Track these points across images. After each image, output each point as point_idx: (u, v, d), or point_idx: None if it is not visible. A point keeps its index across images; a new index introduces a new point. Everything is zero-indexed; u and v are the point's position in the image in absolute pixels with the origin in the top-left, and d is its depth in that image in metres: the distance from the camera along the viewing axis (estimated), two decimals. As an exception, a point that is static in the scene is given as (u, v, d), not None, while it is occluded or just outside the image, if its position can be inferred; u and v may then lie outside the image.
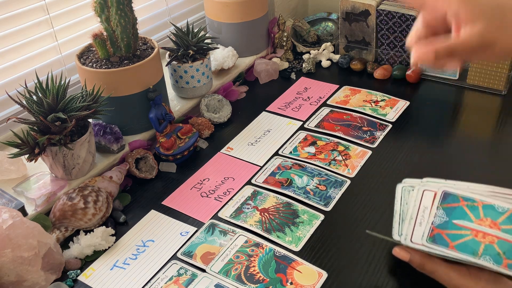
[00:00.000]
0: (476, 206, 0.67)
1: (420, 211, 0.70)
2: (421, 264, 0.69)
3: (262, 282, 0.76)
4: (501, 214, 0.66)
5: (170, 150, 1.00)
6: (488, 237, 0.65)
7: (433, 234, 0.68)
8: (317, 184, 0.93)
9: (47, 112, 0.85)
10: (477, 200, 0.68)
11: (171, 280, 0.78)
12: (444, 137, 1.04)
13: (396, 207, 0.75)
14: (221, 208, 0.90)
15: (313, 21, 1.43)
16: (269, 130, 1.09)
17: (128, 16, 0.95)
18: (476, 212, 0.67)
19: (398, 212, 0.74)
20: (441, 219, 0.69)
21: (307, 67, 1.29)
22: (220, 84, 1.20)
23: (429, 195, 0.71)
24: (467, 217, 0.67)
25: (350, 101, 1.16)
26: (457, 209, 0.68)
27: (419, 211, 0.70)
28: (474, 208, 0.67)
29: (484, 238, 0.66)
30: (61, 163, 0.89)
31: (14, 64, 1.00)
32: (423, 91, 1.20)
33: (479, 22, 0.49)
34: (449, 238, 0.67)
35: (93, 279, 0.79)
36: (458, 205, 0.68)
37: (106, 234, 0.84)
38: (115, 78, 0.96)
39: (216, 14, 1.25)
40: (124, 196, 0.94)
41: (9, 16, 0.97)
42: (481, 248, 0.65)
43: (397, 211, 0.74)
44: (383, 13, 1.21)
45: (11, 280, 0.72)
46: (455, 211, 0.68)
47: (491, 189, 0.70)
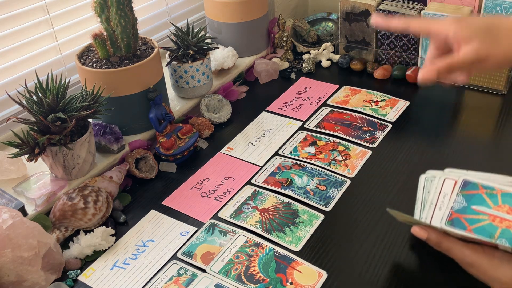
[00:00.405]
0: (495, 194, 0.70)
1: (441, 197, 0.73)
2: (438, 242, 0.71)
3: (262, 282, 0.76)
4: None
5: (170, 150, 1.00)
6: (505, 222, 0.67)
7: (452, 218, 0.70)
8: (317, 184, 0.93)
9: (47, 112, 0.85)
10: (496, 188, 0.70)
11: (171, 280, 0.78)
12: (444, 137, 1.04)
13: (419, 194, 0.77)
14: (221, 208, 0.90)
15: (313, 21, 1.43)
16: (269, 130, 1.09)
17: (128, 16, 0.95)
18: (494, 199, 0.69)
19: (420, 199, 0.77)
20: (460, 204, 0.71)
21: (307, 67, 1.29)
22: (220, 84, 1.20)
23: (450, 183, 0.73)
24: (485, 203, 0.70)
25: (350, 101, 1.16)
26: (476, 196, 0.71)
27: (439, 197, 0.73)
28: (493, 195, 0.70)
29: (501, 223, 0.68)
30: (61, 163, 0.89)
31: (14, 64, 1.00)
32: (423, 91, 1.20)
33: (474, 41, 0.60)
34: (467, 222, 0.69)
35: (93, 279, 0.79)
36: (477, 193, 0.71)
37: (106, 234, 0.84)
38: (115, 78, 0.96)
39: (216, 14, 1.25)
40: (124, 196, 0.94)
41: (9, 16, 0.97)
42: (498, 232, 0.67)
43: (419, 198, 0.77)
44: (383, 13, 1.21)
45: (11, 280, 0.72)
46: (474, 197, 0.70)
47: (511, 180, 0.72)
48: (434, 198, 0.74)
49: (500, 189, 0.70)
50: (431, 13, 1.16)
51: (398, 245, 0.81)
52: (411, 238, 0.82)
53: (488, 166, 0.96)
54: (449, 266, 0.76)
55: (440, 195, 0.73)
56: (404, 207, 0.87)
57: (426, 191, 0.76)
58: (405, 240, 0.82)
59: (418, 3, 1.22)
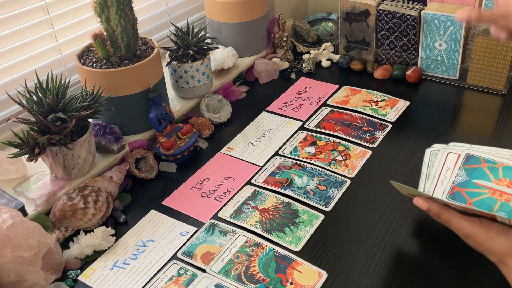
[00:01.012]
0: (497, 168, 0.71)
1: (443, 171, 0.75)
2: (437, 213, 0.72)
3: (262, 282, 0.76)
4: None
5: (170, 150, 1.00)
6: (505, 195, 0.69)
7: (453, 192, 0.72)
8: (317, 184, 0.93)
9: (47, 112, 0.85)
10: (497, 162, 0.72)
11: (171, 280, 0.78)
12: (444, 137, 1.04)
13: (423, 169, 0.79)
14: (221, 208, 0.90)
15: (313, 21, 1.43)
16: (269, 130, 1.09)
17: (128, 16, 0.95)
18: (496, 173, 0.71)
19: (425, 174, 0.78)
20: (462, 178, 0.73)
21: (307, 67, 1.29)
22: (220, 84, 1.20)
23: (453, 157, 0.75)
24: (486, 177, 0.71)
25: (350, 101, 1.16)
26: (478, 170, 0.72)
27: (442, 171, 0.75)
28: (494, 169, 0.71)
29: (501, 197, 0.69)
30: (61, 163, 0.89)
31: (14, 64, 1.00)
32: (423, 91, 1.20)
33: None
34: (468, 195, 0.71)
35: (93, 279, 0.79)
36: (479, 167, 0.73)
37: (106, 234, 0.84)
38: (115, 78, 0.96)
39: (216, 14, 1.25)
40: (124, 196, 0.94)
41: (9, 16, 0.97)
42: (497, 205, 0.69)
43: (424, 172, 0.78)
44: (383, 13, 1.21)
45: (11, 280, 0.72)
46: (476, 171, 0.72)
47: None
48: (437, 171, 0.75)
49: (501, 162, 0.71)
50: (431, 13, 1.16)
51: (398, 245, 0.81)
52: (412, 238, 0.82)
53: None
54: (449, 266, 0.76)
55: (443, 169, 0.75)
56: (403, 208, 0.87)
57: (430, 165, 0.78)
58: (405, 240, 0.82)
59: (418, 3, 1.22)
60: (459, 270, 0.76)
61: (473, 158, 0.73)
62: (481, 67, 1.15)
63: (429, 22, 1.17)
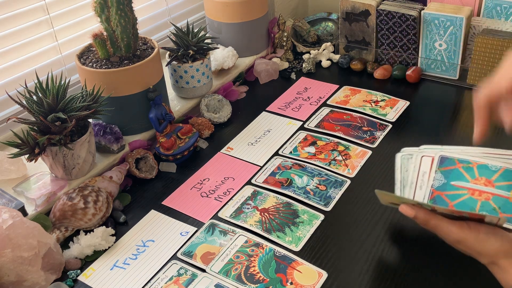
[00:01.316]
0: (471, 167, 0.72)
1: (420, 175, 0.75)
2: (425, 220, 0.71)
3: (262, 282, 0.76)
4: (495, 173, 0.71)
5: (170, 150, 1.00)
6: (483, 194, 0.70)
7: (433, 196, 0.72)
8: (317, 184, 0.93)
9: (47, 112, 0.85)
10: (471, 162, 0.73)
11: (171, 280, 0.78)
12: (444, 137, 1.04)
13: (397, 175, 0.78)
14: (221, 208, 0.90)
15: (313, 21, 1.43)
16: (269, 130, 1.09)
17: (128, 16, 0.95)
18: (471, 172, 0.72)
19: (399, 180, 0.77)
20: (440, 181, 0.73)
21: (307, 67, 1.29)
22: (220, 84, 1.20)
23: (427, 161, 0.75)
24: (463, 178, 0.72)
25: (350, 101, 1.16)
26: (454, 171, 0.73)
27: (418, 176, 0.75)
28: (470, 169, 0.72)
29: (480, 196, 0.70)
30: (61, 163, 0.89)
31: (14, 64, 1.00)
32: (423, 91, 1.20)
33: None
34: (448, 198, 0.72)
35: (93, 279, 0.79)
36: (454, 168, 0.73)
37: (106, 234, 0.84)
38: (115, 78, 0.96)
39: (216, 14, 1.25)
40: (124, 196, 0.94)
41: (9, 16, 0.97)
42: (478, 205, 0.70)
43: (398, 179, 0.78)
44: (383, 13, 1.21)
45: (11, 280, 0.72)
46: (452, 173, 0.73)
47: (484, 151, 0.75)
48: (414, 177, 0.75)
49: (475, 161, 0.72)
50: (431, 13, 1.16)
51: (398, 245, 0.81)
52: (411, 238, 0.82)
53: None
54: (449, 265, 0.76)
55: (419, 174, 0.75)
56: (404, 207, 0.87)
57: (404, 170, 0.77)
58: (405, 240, 0.82)
59: (418, 3, 1.22)
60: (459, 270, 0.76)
61: (447, 160, 0.74)
62: (481, 67, 1.15)
63: (429, 22, 1.17)
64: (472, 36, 1.18)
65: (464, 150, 0.75)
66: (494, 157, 0.74)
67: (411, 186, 0.75)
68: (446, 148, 0.77)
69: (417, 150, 0.78)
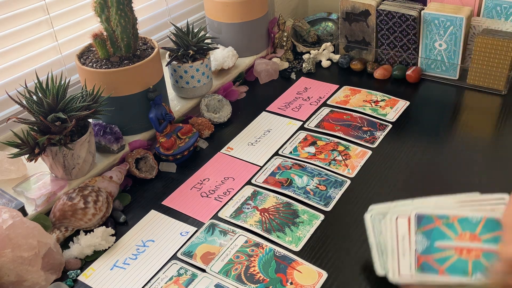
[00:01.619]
0: (452, 223, 0.67)
1: (400, 241, 0.69)
2: None
3: (262, 282, 0.76)
4: (477, 225, 0.66)
5: (170, 150, 1.00)
6: (472, 252, 0.65)
7: (420, 263, 0.67)
8: (317, 184, 0.93)
9: (47, 112, 0.85)
10: (450, 216, 0.67)
11: (171, 280, 0.78)
12: (444, 137, 1.04)
13: (370, 239, 0.72)
14: (221, 208, 0.90)
15: (313, 21, 1.43)
16: (269, 130, 1.09)
17: (128, 16, 0.95)
18: (453, 228, 0.67)
19: (375, 244, 0.72)
20: (423, 244, 0.68)
21: (307, 67, 1.29)
22: (220, 84, 1.20)
23: (403, 222, 0.69)
24: (446, 236, 0.67)
25: (350, 101, 1.16)
26: (435, 230, 0.67)
27: (398, 242, 0.69)
28: (450, 225, 0.67)
29: (469, 254, 0.65)
30: (61, 163, 0.89)
31: (14, 64, 1.00)
32: (423, 91, 1.20)
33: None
34: (437, 263, 0.66)
35: (93, 279, 0.79)
36: (434, 226, 0.68)
37: (106, 234, 0.84)
38: (115, 78, 0.96)
39: (216, 14, 1.25)
40: (124, 196, 0.94)
41: (9, 16, 0.97)
42: (469, 266, 0.65)
43: (373, 244, 0.72)
44: (383, 13, 1.21)
45: (11, 280, 0.72)
46: (434, 232, 0.67)
47: (458, 199, 0.70)
48: (393, 244, 0.69)
49: (453, 215, 0.67)
50: (431, 13, 1.16)
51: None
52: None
53: (488, 166, 0.96)
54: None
55: (399, 239, 0.68)
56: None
57: (377, 233, 0.72)
58: (405, 240, 0.82)
59: (418, 3, 1.22)
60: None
61: (425, 218, 0.68)
62: (481, 67, 1.15)
63: (429, 22, 1.17)
64: (472, 36, 1.18)
65: (438, 202, 0.70)
66: (472, 206, 0.69)
67: (393, 255, 0.69)
68: (417, 201, 0.71)
69: (386, 207, 0.72)
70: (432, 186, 0.92)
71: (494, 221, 0.66)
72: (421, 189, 0.81)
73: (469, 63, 1.18)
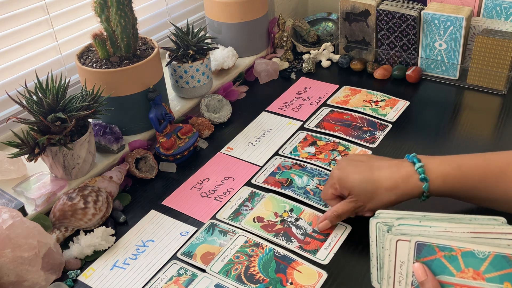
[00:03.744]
0: (455, 256, 0.61)
1: (397, 267, 0.64)
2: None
3: (262, 282, 0.76)
4: (483, 261, 0.60)
5: (170, 150, 1.00)
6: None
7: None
8: (317, 184, 0.93)
9: (47, 112, 0.85)
10: (454, 249, 0.61)
11: (171, 280, 0.78)
12: (444, 137, 1.04)
13: (372, 248, 0.69)
14: (219, 210, 0.90)
15: (313, 21, 1.43)
16: (269, 130, 1.09)
17: (128, 16, 0.95)
18: (456, 263, 0.61)
19: (375, 256, 0.69)
20: None
21: (307, 67, 1.29)
22: (220, 84, 1.20)
23: (404, 246, 0.63)
24: (447, 270, 0.61)
25: (350, 101, 1.16)
26: (435, 261, 0.62)
27: (395, 267, 0.64)
28: (453, 258, 0.61)
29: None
30: (61, 163, 0.89)
31: (14, 64, 1.00)
32: (423, 91, 1.20)
33: (355, 196, 0.79)
34: None
35: (93, 279, 0.79)
36: (435, 258, 0.62)
37: (106, 234, 0.84)
38: (115, 78, 0.96)
39: (216, 14, 1.25)
40: (124, 196, 0.94)
41: (9, 16, 0.97)
42: None
43: (374, 254, 0.69)
44: (383, 13, 1.21)
45: (11, 280, 0.72)
46: (434, 264, 0.62)
47: (471, 229, 0.63)
48: (391, 268, 0.64)
49: (459, 248, 0.60)
50: (431, 13, 1.16)
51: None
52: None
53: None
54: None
55: (396, 264, 0.64)
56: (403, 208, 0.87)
57: (380, 245, 0.67)
58: (405, 240, 0.82)
59: (418, 3, 1.22)
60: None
61: (425, 248, 0.62)
62: (481, 67, 1.15)
63: (429, 22, 1.17)
64: (472, 36, 1.18)
65: (448, 228, 0.63)
66: (482, 239, 0.62)
67: (389, 280, 0.64)
68: (424, 225, 0.64)
69: (394, 217, 0.67)
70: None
71: (503, 257, 0.59)
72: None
73: (469, 63, 1.18)
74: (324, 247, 0.81)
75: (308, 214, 0.87)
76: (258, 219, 0.87)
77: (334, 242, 0.82)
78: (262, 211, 0.88)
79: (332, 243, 0.81)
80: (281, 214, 0.87)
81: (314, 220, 0.85)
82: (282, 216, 0.87)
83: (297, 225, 0.85)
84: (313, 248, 0.81)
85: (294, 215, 0.87)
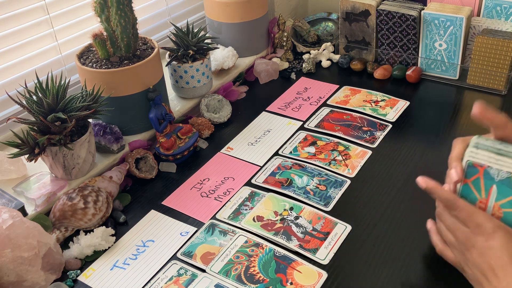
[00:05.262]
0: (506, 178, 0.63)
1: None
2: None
3: (262, 282, 0.76)
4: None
5: (170, 150, 1.00)
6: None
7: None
8: (317, 184, 0.93)
9: (47, 112, 0.85)
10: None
11: (171, 280, 0.78)
12: (444, 137, 1.04)
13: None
14: (219, 210, 0.90)
15: (313, 21, 1.43)
16: (269, 130, 1.09)
17: (128, 16, 0.95)
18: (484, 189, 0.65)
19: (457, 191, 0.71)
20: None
21: (307, 67, 1.29)
22: (220, 84, 1.20)
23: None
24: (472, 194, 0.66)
25: (350, 101, 1.16)
26: (473, 182, 0.66)
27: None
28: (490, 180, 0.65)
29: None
30: (61, 163, 0.89)
31: (14, 64, 1.00)
32: (423, 91, 1.20)
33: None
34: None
35: (93, 279, 0.79)
36: (477, 176, 0.65)
37: (106, 234, 0.84)
38: (115, 78, 0.96)
39: (216, 14, 1.25)
40: (124, 196, 0.94)
41: (9, 16, 0.97)
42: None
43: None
44: (383, 13, 1.21)
45: (11, 280, 0.72)
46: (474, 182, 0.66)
47: None
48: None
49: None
50: (431, 13, 1.16)
51: (398, 245, 0.81)
52: (411, 238, 0.82)
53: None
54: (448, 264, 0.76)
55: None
56: (403, 208, 0.87)
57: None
58: (405, 241, 0.82)
59: (418, 3, 1.22)
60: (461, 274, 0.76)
61: (470, 168, 0.65)
62: (481, 67, 1.15)
63: (429, 22, 1.17)
64: (472, 36, 1.18)
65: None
66: None
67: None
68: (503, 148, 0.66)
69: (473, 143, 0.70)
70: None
71: None
72: (422, 189, 0.81)
73: (469, 63, 1.18)
74: (324, 246, 0.81)
75: (308, 212, 0.87)
76: (258, 218, 0.87)
77: (334, 241, 0.82)
78: (262, 210, 0.88)
79: (332, 242, 0.82)
80: (281, 213, 0.87)
81: (314, 219, 0.85)
82: (282, 214, 0.87)
83: (297, 224, 0.85)
84: (313, 247, 0.81)
85: (294, 214, 0.87)
